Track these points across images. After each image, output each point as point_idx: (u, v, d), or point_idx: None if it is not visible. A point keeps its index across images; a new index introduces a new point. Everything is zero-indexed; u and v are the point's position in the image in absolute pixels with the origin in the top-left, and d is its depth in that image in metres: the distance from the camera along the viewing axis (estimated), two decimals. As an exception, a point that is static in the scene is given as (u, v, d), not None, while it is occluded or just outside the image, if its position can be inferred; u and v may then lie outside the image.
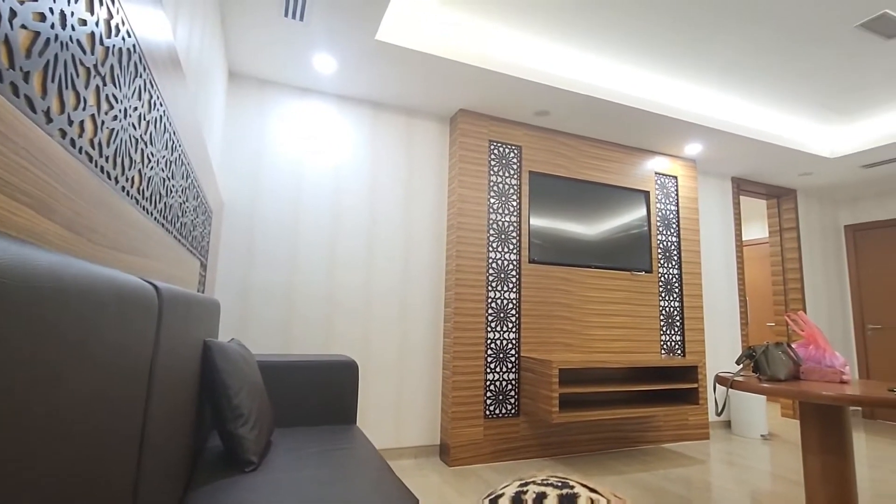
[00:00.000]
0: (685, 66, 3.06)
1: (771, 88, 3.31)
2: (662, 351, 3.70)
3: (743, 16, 2.53)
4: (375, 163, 3.17)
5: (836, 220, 5.24)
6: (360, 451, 1.63)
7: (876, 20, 2.52)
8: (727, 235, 4.46)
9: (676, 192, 3.98)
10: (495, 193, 3.27)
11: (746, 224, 6.40)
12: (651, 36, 2.75)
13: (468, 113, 3.26)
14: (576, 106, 3.15)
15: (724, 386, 2.13)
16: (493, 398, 3.08)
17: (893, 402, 1.70)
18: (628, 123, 3.40)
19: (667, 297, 3.79)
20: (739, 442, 3.72)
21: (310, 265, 2.91)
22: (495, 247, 3.21)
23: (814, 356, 2.13)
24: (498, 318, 3.16)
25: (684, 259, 3.89)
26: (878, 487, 2.77)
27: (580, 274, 3.46)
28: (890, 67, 2.99)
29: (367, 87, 3.00)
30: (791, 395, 1.87)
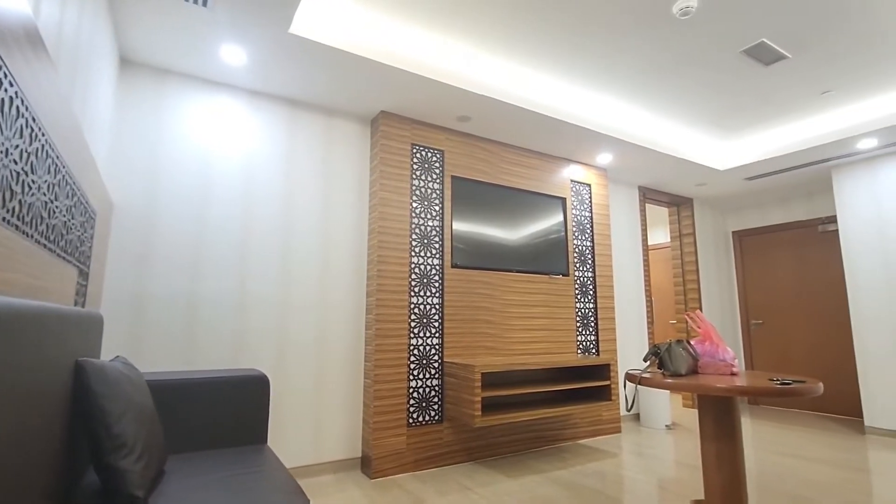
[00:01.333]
0: (598, 79, 3.23)
1: (672, 105, 3.59)
2: (578, 351, 3.87)
3: (646, 38, 2.71)
4: (292, 164, 3.00)
5: (725, 226, 5.83)
6: (269, 473, 1.50)
7: (756, 47, 2.81)
8: (635, 240, 4.77)
9: (590, 199, 4.19)
10: (418, 197, 3.24)
11: (651, 230, 6.93)
12: (567, 49, 2.87)
13: (390, 115, 3.20)
14: (496, 112, 3.21)
15: (634, 383, 2.24)
16: (416, 405, 3.02)
17: (774, 390, 1.88)
18: (546, 132, 3.52)
19: (582, 299, 3.97)
20: (647, 433, 3.98)
21: (217, 272, 2.68)
22: (418, 251, 3.17)
23: (709, 351, 2.31)
24: (421, 324, 3.11)
25: (598, 263, 4.11)
26: (761, 467, 3.07)
27: (502, 278, 3.52)
28: (767, 91, 3.36)
29: (282, 83, 2.84)
30: (691, 388, 2.01)
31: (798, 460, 3.22)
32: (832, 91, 3.36)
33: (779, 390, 1.89)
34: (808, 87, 3.31)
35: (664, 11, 2.50)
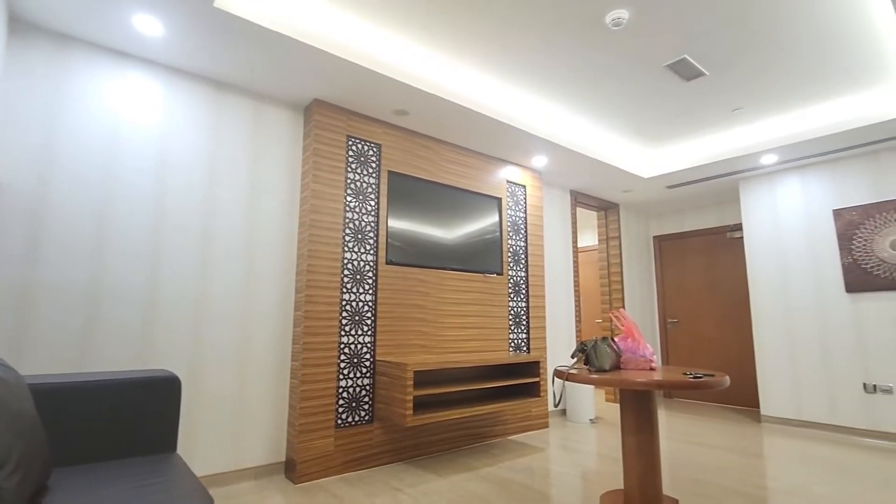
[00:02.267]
0: (535, 83, 3.29)
1: (603, 112, 3.75)
2: (510, 348, 3.94)
3: (580, 45, 2.80)
4: (216, 149, 2.79)
5: (647, 231, 6.20)
6: (174, 483, 1.36)
7: (678, 63, 3.00)
8: (566, 242, 4.95)
9: (525, 200, 4.28)
10: (353, 191, 3.14)
11: (581, 232, 7.23)
12: (505, 50, 2.89)
13: (324, 104, 3.07)
14: (435, 108, 3.18)
15: (561, 379, 2.31)
16: (345, 406, 2.92)
17: (688, 383, 2.00)
18: (485, 132, 3.55)
19: (515, 298, 4.05)
20: (573, 427, 4.13)
21: (124, 263, 2.43)
22: (351, 247, 3.07)
23: (631, 347, 2.43)
24: (353, 322, 3.02)
25: (530, 263, 4.20)
26: (672, 455, 3.29)
27: (437, 276, 3.50)
28: (687, 105, 3.60)
29: (207, 61, 2.63)
30: (614, 383, 2.09)
31: (704, 448, 3.48)
32: (742, 108, 3.66)
33: (692, 383, 2.01)
34: (722, 104, 3.59)
35: (598, 21, 2.59)
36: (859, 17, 2.57)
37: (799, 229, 4.37)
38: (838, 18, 2.57)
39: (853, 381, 3.94)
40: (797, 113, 3.74)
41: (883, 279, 3.84)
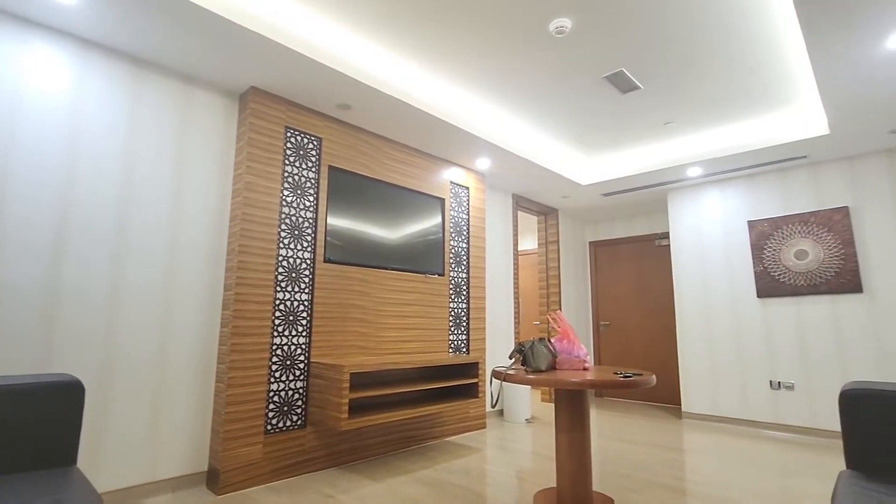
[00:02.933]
0: (481, 85, 3.31)
1: (545, 118, 3.84)
2: (450, 349, 3.93)
3: (524, 51, 2.84)
4: (135, 133, 2.56)
5: (584, 236, 6.45)
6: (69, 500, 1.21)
7: (615, 75, 3.13)
8: (507, 245, 5.03)
9: (468, 202, 4.30)
10: (290, 185, 3.00)
11: (522, 236, 7.40)
12: (452, 51, 2.88)
13: (262, 93, 2.92)
14: (379, 104, 3.11)
15: (499, 379, 2.32)
16: (276, 411, 2.78)
17: (619, 382, 2.08)
18: (430, 131, 3.52)
19: (456, 299, 4.05)
20: (510, 427, 4.19)
21: (19, 255, 2.17)
22: (287, 243, 2.94)
23: (566, 348, 2.49)
24: (287, 322, 2.88)
25: (472, 264, 4.23)
26: (601, 452, 3.41)
27: (378, 275, 3.43)
28: (623, 116, 3.77)
29: (129, 36, 2.41)
30: (550, 383, 2.13)
31: (631, 444, 3.65)
32: (672, 123, 3.89)
33: (623, 382, 2.08)
34: (655, 117, 3.79)
35: (542, 28, 2.64)
36: (772, 44, 2.80)
37: (718, 238, 4.71)
38: (754, 44, 2.79)
39: (762, 378, 4.29)
40: (720, 130, 4.03)
41: (788, 286, 4.22)
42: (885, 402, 1.51)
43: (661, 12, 2.51)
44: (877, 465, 1.53)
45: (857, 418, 1.58)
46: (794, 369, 4.13)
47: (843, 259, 3.98)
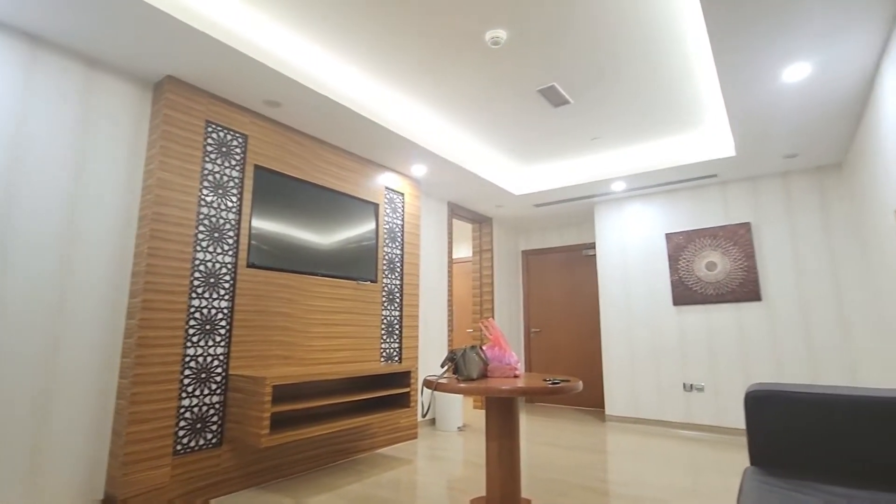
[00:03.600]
0: (418, 91, 3.28)
1: (480, 128, 3.89)
2: (382, 358, 3.84)
3: (461, 59, 2.86)
4: (25, 118, 2.26)
5: (517, 245, 6.60)
6: None
7: (548, 89, 3.23)
8: (441, 252, 5.02)
9: (403, 208, 4.25)
10: (210, 184, 2.79)
11: (457, 244, 7.44)
12: (388, 54, 2.83)
13: (180, 83, 2.70)
14: (310, 103, 2.99)
15: (430, 389, 2.27)
16: (188, 429, 2.55)
17: (547, 389, 2.10)
18: (364, 134, 3.44)
19: (389, 306, 3.96)
20: (441, 436, 4.15)
21: None
22: (205, 246, 2.72)
23: (498, 356, 2.49)
24: (203, 331, 2.66)
25: (406, 271, 4.17)
26: (530, 458, 3.47)
27: (306, 282, 3.27)
28: (555, 129, 3.90)
29: (18, 10, 2.12)
30: (481, 392, 2.11)
31: (557, 448, 3.74)
32: (599, 138, 4.08)
33: (551, 389, 2.11)
34: (583, 132, 3.96)
35: (478, 38, 2.67)
36: (689, 71, 3.02)
37: (639, 249, 5.00)
38: (673, 70, 2.99)
39: (676, 381, 4.58)
40: (641, 147, 4.29)
41: (699, 294, 4.55)
42: (785, 402, 1.64)
43: (591, 32, 2.61)
44: (778, 462, 1.65)
45: (759, 418, 1.69)
46: (704, 372, 4.45)
47: (746, 270, 4.36)
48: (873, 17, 2.24)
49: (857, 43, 2.43)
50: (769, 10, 2.18)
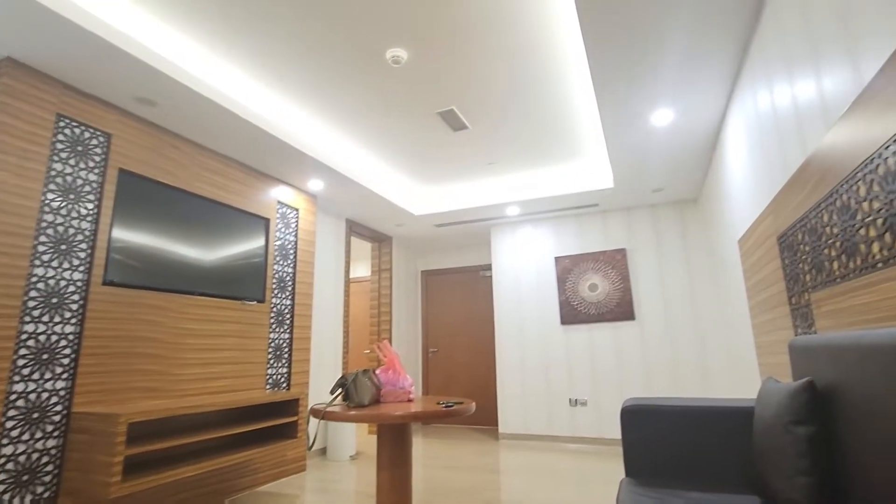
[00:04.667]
0: (316, 105, 3.15)
1: (381, 146, 3.84)
2: (268, 385, 3.53)
3: (362, 76, 2.80)
4: None
5: (416, 265, 6.60)
6: None
7: (447, 112, 3.29)
8: (338, 271, 4.83)
9: (297, 224, 4.02)
10: (59, 187, 2.38)
11: (355, 263, 7.25)
12: (286, 65, 2.68)
13: (22, 67, 2.29)
14: (193, 105, 2.72)
15: (318, 418, 2.11)
16: (11, 482, 2.08)
17: (441, 413, 2.06)
18: (256, 144, 3.21)
19: (278, 328, 3.69)
20: (332, 467, 3.91)
21: None
22: (47, 260, 2.30)
23: (391, 379, 2.41)
24: (39, 362, 2.22)
25: (298, 291, 3.92)
26: (425, 482, 3.39)
27: (180, 302, 2.91)
28: (453, 153, 3.99)
29: None
30: (373, 419, 2.01)
31: (452, 470, 3.72)
32: (496, 163, 4.26)
33: (445, 412, 2.07)
34: (481, 157, 4.10)
35: (380, 55, 2.64)
36: (576, 106, 3.27)
37: (532, 272, 5.26)
38: (561, 102, 3.23)
39: (563, 397, 4.83)
40: (534, 173, 4.55)
41: (584, 314, 4.89)
42: (654, 415, 1.77)
43: (489, 62, 2.72)
44: (649, 472, 1.77)
45: (634, 431, 1.81)
46: (587, 387, 4.76)
47: (622, 292, 4.78)
48: (721, 74, 2.61)
49: (708, 95, 2.82)
50: (638, 60, 2.44)
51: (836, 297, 1.60)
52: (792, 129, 1.90)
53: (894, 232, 1.20)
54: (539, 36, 2.53)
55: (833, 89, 1.50)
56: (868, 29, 1.25)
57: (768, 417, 1.44)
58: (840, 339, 1.25)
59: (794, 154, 1.92)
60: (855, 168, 1.36)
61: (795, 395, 1.36)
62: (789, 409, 1.36)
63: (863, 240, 1.38)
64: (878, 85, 1.20)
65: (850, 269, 1.49)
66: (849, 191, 1.42)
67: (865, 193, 1.33)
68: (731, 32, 2.25)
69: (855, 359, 1.15)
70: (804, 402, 1.34)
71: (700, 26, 2.20)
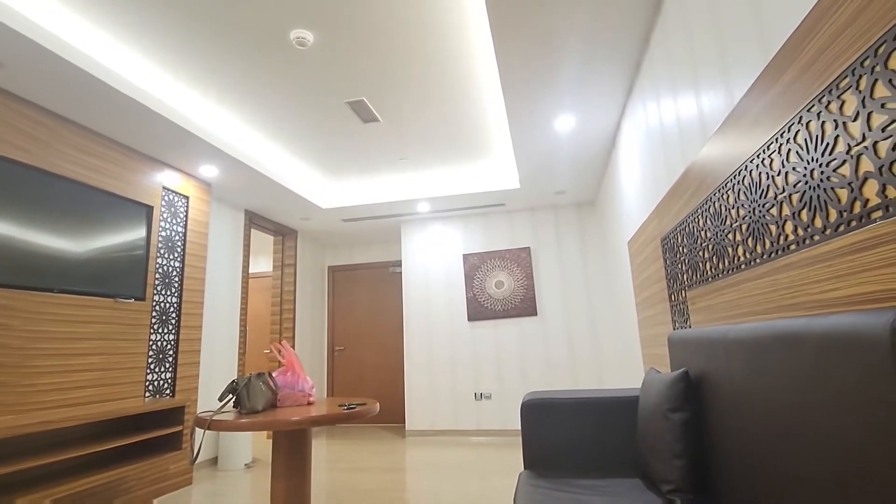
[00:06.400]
0: (210, 85, 2.85)
1: (284, 134, 3.60)
2: (148, 393, 3.16)
3: (264, 58, 2.59)
4: None
5: (323, 260, 6.34)
6: None
7: (357, 103, 3.17)
8: (235, 266, 4.48)
9: (186, 213, 3.64)
10: None
11: (255, 257, 6.79)
12: (178, 41, 2.39)
13: None
14: (51, 70, 2.32)
15: (202, 428, 1.91)
16: None
17: (342, 416, 1.97)
18: (134, 120, 2.83)
19: (161, 329, 3.31)
20: (224, 477, 3.61)
21: None
22: None
23: (290, 382, 2.26)
24: None
25: (186, 287, 3.56)
26: (327, 486, 3.26)
27: (33, 300, 2.49)
28: (364, 144, 3.86)
29: None
30: (266, 426, 1.86)
31: (357, 472, 3.62)
32: (407, 159, 4.20)
33: (346, 415, 1.99)
34: (392, 151, 4.02)
35: (283, 36, 2.45)
36: (482, 104, 3.33)
37: (441, 268, 5.29)
38: (470, 102, 3.26)
39: (468, 391, 4.93)
40: (444, 171, 4.57)
41: (490, 310, 5.02)
42: (552, 408, 1.84)
43: (400, 55, 2.65)
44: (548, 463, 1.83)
45: (532, 424, 1.87)
46: (492, 381, 4.90)
47: (526, 288, 4.99)
48: (616, 87, 2.80)
49: (605, 104, 3.01)
50: (541, 69, 2.53)
51: (708, 295, 1.77)
52: (675, 141, 2.09)
53: (755, 236, 1.35)
54: (452, 35, 2.52)
55: (710, 106, 1.65)
56: (738, 53, 1.39)
57: (650, 405, 1.56)
58: (710, 332, 1.38)
59: (676, 163, 2.10)
60: (726, 178, 1.51)
61: (672, 384, 1.48)
62: (667, 397, 1.47)
63: (730, 243, 1.54)
64: (745, 105, 1.34)
65: (719, 269, 1.66)
66: (720, 199, 1.58)
67: (734, 201, 1.48)
68: (624, 50, 2.42)
69: (722, 351, 1.27)
70: (680, 391, 1.46)
71: (595, 42, 2.33)
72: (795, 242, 1.14)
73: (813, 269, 1.06)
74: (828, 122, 0.99)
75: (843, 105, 0.94)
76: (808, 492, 0.88)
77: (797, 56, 1.08)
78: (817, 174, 1.04)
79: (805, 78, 1.05)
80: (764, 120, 1.24)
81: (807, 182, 1.08)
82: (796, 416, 0.91)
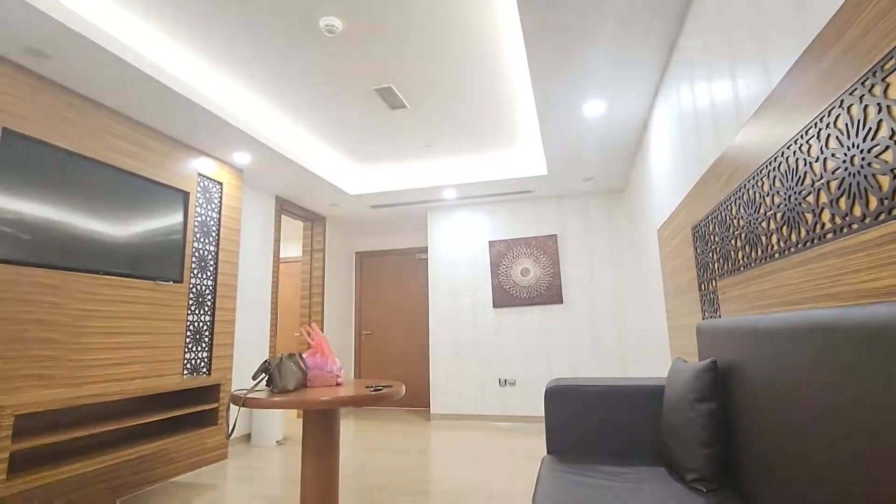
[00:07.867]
0: (243, 73, 2.92)
1: (314, 121, 3.66)
2: (186, 371, 3.32)
3: (294, 45, 2.63)
4: None
5: (351, 246, 6.45)
6: None
7: (385, 90, 3.18)
8: (266, 251, 4.60)
9: (220, 199, 3.76)
10: (-76, 146, 2.04)
11: (286, 242, 6.96)
12: (210, 28, 2.45)
13: None
14: (93, 61, 2.42)
15: (238, 405, 2.00)
16: None
17: (369, 397, 2.03)
18: (171, 109, 2.93)
19: (197, 310, 3.45)
20: (257, 453, 3.77)
21: None
22: None
23: (319, 363, 2.33)
24: None
25: (221, 270, 3.69)
26: (355, 465, 3.37)
27: (80, 281, 2.63)
28: (391, 131, 3.89)
29: None
30: (297, 405, 1.93)
31: (383, 453, 3.72)
32: (433, 146, 4.21)
33: (373, 396, 2.05)
34: (418, 138, 4.03)
35: (313, 23, 2.48)
36: (510, 91, 3.29)
37: (466, 255, 5.31)
38: (498, 89, 3.23)
39: (493, 377, 4.97)
40: (471, 157, 4.55)
41: (515, 297, 5.02)
42: (576, 395, 1.84)
43: (430, 43, 2.65)
44: (571, 449, 1.85)
45: (556, 410, 1.88)
46: (516, 368, 4.92)
47: (552, 276, 4.96)
48: (648, 70, 2.72)
49: (637, 89, 2.93)
50: (570, 54, 2.48)
51: (740, 285, 1.74)
52: (709, 126, 2.03)
53: (790, 225, 1.31)
54: (479, 22, 2.49)
55: (746, 90, 1.60)
56: (777, 33, 1.34)
57: (676, 394, 1.55)
58: (740, 322, 1.36)
59: (710, 149, 2.04)
60: (761, 165, 1.47)
61: (700, 374, 1.46)
62: (694, 387, 1.46)
63: (764, 232, 1.50)
64: (784, 88, 1.29)
65: (751, 258, 1.62)
66: (755, 186, 1.54)
67: (769, 189, 1.43)
68: (659, 32, 2.35)
69: (752, 341, 1.25)
70: (707, 381, 1.45)
71: (629, 24, 2.27)
72: (832, 231, 1.11)
73: (851, 259, 1.03)
74: (871, 105, 0.95)
75: (888, 88, 0.90)
76: (837, 488, 0.87)
77: (840, 36, 1.03)
78: (858, 160, 1.00)
79: (848, 59, 1.01)
80: (802, 104, 1.20)
81: (846, 169, 1.04)
82: (829, 409, 0.90)
